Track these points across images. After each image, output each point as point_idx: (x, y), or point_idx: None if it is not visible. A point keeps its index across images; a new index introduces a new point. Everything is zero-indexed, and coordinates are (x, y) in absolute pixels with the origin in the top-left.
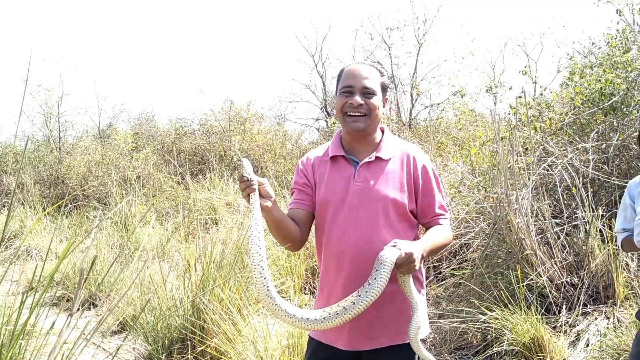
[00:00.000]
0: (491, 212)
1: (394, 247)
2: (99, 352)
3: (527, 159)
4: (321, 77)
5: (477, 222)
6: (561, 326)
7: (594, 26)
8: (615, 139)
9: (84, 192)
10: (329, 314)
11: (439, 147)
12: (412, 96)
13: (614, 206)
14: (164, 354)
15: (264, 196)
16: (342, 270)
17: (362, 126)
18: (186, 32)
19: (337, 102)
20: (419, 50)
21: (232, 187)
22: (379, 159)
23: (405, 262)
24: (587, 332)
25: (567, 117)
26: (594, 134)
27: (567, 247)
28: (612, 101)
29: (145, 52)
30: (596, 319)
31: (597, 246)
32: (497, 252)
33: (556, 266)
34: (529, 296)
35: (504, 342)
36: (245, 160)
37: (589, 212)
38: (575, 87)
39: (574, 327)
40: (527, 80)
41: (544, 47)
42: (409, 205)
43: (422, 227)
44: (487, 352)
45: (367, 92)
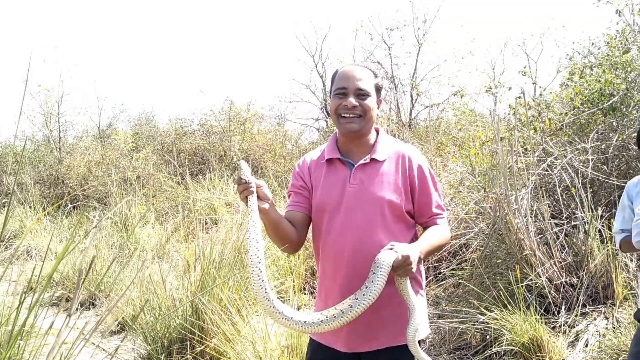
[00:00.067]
0: (490, 213)
1: (390, 249)
2: (98, 352)
3: (526, 159)
4: (321, 77)
5: (477, 222)
6: (560, 326)
7: (593, 26)
8: (614, 140)
9: (84, 192)
10: (326, 317)
11: (438, 147)
12: (412, 96)
13: (614, 206)
14: (163, 354)
15: (262, 198)
16: (339, 273)
17: (356, 127)
18: (186, 32)
19: (332, 104)
20: (419, 50)
21: (232, 187)
22: (374, 161)
23: (402, 265)
24: (586, 332)
25: (567, 118)
26: (594, 135)
27: (566, 248)
28: (612, 101)
29: (145, 52)
30: (595, 319)
31: (597, 246)
32: (497, 252)
33: (555, 266)
34: (528, 296)
35: (503, 342)
36: (243, 162)
37: (589, 213)
38: (574, 88)
39: (573, 327)
40: (527, 80)
41: (544, 48)
42: (405, 206)
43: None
44: (486, 352)
45: (361, 94)
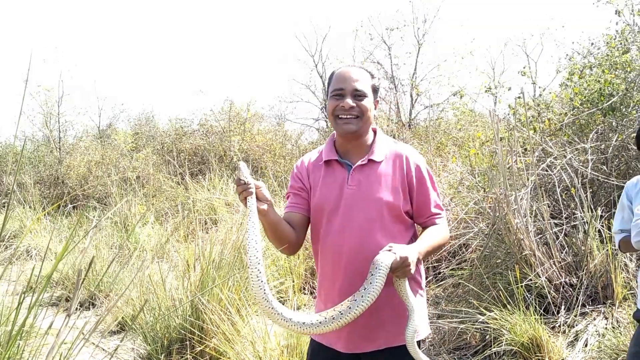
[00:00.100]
0: (490, 213)
1: (389, 251)
2: (98, 352)
3: (526, 159)
4: (321, 77)
5: (476, 222)
6: (560, 326)
7: (593, 26)
8: (614, 140)
9: (84, 192)
10: (325, 319)
11: (438, 147)
12: (411, 96)
13: (613, 207)
14: (163, 354)
15: (261, 199)
16: (338, 274)
17: (354, 128)
18: (186, 32)
19: (329, 105)
20: (419, 50)
21: (232, 187)
22: (371, 162)
23: (400, 266)
24: (585, 332)
25: (566, 118)
26: (593, 135)
27: (565, 248)
28: (611, 102)
29: (145, 52)
30: (595, 319)
31: (596, 247)
32: (496, 252)
33: (555, 266)
34: (528, 296)
35: (503, 342)
36: (242, 163)
37: (588, 213)
38: (574, 88)
39: (573, 327)
40: (527, 80)
41: (544, 48)
42: (403, 206)
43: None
44: (485, 352)
45: (358, 95)
